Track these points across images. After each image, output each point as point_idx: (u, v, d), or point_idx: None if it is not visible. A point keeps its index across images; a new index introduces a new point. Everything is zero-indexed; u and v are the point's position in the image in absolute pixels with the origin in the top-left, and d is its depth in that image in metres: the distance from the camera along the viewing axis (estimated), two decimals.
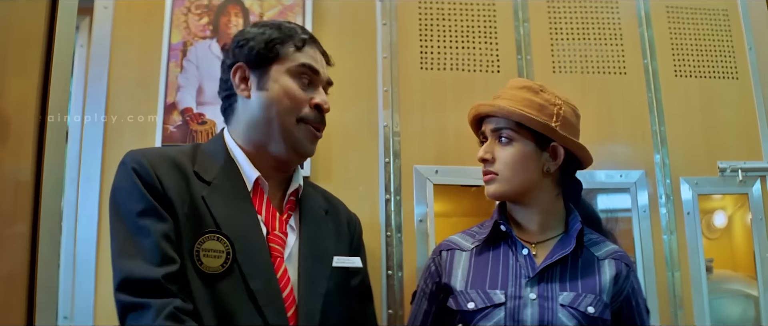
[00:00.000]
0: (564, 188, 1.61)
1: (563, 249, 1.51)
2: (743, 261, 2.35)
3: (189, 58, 1.99)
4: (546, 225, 1.58)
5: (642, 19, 2.25)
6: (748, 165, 2.14)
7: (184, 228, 1.27)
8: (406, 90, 2.07)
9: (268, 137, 1.42)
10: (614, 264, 1.53)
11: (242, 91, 1.44)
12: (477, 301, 1.48)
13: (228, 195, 1.35)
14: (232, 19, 2.02)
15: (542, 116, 1.52)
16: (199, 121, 1.95)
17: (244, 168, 1.41)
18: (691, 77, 2.23)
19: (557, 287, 1.47)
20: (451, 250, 1.61)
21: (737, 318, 2.19)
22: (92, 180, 1.89)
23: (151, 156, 1.33)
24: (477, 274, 1.53)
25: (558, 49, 2.19)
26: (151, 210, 1.25)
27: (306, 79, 1.45)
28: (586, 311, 1.43)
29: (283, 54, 1.44)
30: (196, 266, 1.26)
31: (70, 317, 1.82)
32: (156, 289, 1.19)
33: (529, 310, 1.44)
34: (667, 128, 2.16)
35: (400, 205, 1.97)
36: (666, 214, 2.09)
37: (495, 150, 1.56)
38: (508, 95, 1.58)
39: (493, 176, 1.55)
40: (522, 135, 1.53)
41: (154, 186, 1.28)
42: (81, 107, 1.94)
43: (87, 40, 2.00)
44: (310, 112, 1.44)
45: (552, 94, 1.57)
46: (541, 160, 1.55)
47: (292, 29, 1.48)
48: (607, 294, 1.48)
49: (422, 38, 2.12)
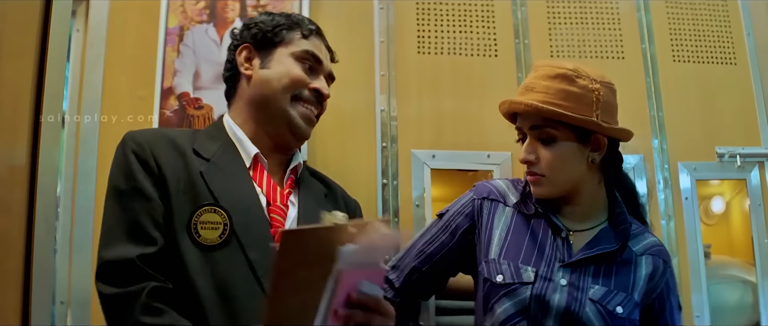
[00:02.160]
0: (606, 173, 1.53)
1: (606, 246, 1.45)
2: (741, 246, 2.35)
3: (186, 42, 1.99)
4: (588, 213, 1.51)
5: (640, 4, 2.24)
6: (746, 150, 2.14)
7: (180, 204, 1.30)
8: (403, 74, 2.06)
9: (266, 116, 1.45)
10: (651, 261, 1.48)
11: (246, 69, 1.49)
12: (506, 275, 1.42)
13: (226, 170, 1.37)
14: (229, 3, 2.02)
15: (581, 108, 1.43)
16: (195, 105, 1.94)
17: (244, 144, 1.44)
18: (689, 62, 2.23)
19: (590, 279, 1.42)
20: (496, 203, 1.55)
21: (735, 304, 2.19)
22: (89, 168, 1.89)
23: (148, 135, 1.38)
24: (513, 243, 1.48)
25: (556, 34, 2.18)
26: (138, 190, 1.28)
27: (308, 65, 1.50)
28: (614, 310, 1.38)
29: (288, 39, 1.50)
30: (194, 239, 1.28)
31: (66, 302, 1.82)
32: (130, 271, 1.21)
33: (557, 296, 1.39)
34: (665, 113, 2.16)
35: (397, 190, 1.97)
36: (664, 200, 2.08)
37: (538, 150, 1.46)
38: (541, 88, 1.46)
39: (540, 178, 1.47)
40: (563, 132, 1.44)
41: (148, 163, 1.31)
42: (77, 93, 1.94)
43: (84, 24, 1.99)
44: (309, 94, 1.48)
45: (587, 78, 1.46)
46: (585, 154, 1.47)
47: (301, 19, 1.54)
48: (640, 292, 1.44)
49: (419, 22, 2.11)
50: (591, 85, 1.45)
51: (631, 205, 1.58)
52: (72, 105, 1.93)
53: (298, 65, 1.48)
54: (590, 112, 1.43)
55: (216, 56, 1.97)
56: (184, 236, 1.28)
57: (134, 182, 1.29)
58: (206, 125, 1.90)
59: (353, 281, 1.08)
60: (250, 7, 2.01)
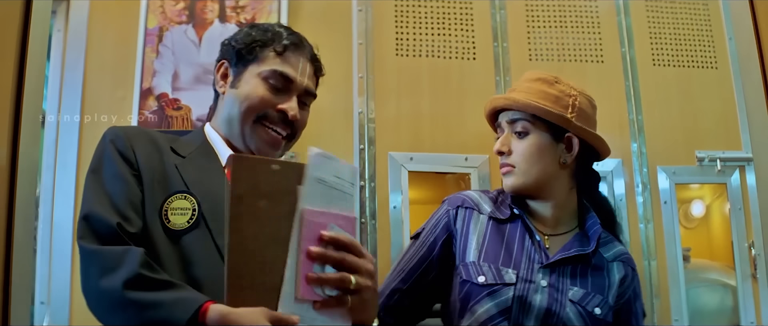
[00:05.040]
0: (579, 181, 1.59)
1: (582, 248, 1.49)
2: (721, 250, 2.35)
3: (165, 43, 1.99)
4: (559, 219, 1.56)
5: (620, 8, 2.24)
6: (726, 154, 2.14)
7: (153, 193, 1.30)
8: (381, 76, 2.07)
9: (233, 135, 1.44)
10: (622, 267, 1.53)
11: (220, 87, 1.47)
12: (488, 276, 1.45)
13: (200, 166, 1.37)
14: (208, 4, 2.02)
15: (557, 107, 1.51)
16: (174, 106, 1.95)
17: (219, 148, 1.43)
18: (669, 66, 2.23)
19: (568, 281, 1.46)
20: (470, 210, 1.57)
21: (715, 308, 2.19)
22: (68, 165, 1.90)
23: (129, 129, 1.38)
24: (491, 248, 1.51)
25: (535, 37, 2.18)
26: (119, 175, 1.29)
27: (277, 85, 1.43)
28: (593, 311, 1.43)
29: (261, 57, 1.45)
30: (164, 225, 1.27)
31: (46, 302, 1.83)
32: (112, 234, 1.21)
33: (538, 296, 1.43)
34: (644, 117, 2.16)
35: (374, 192, 1.97)
36: (643, 203, 2.09)
37: (511, 142, 1.55)
38: (522, 88, 1.57)
39: (511, 169, 1.54)
40: (537, 127, 1.53)
41: (126, 155, 1.31)
42: (58, 93, 1.95)
43: (64, 24, 2.00)
44: (274, 114, 1.43)
45: (567, 85, 1.56)
46: (557, 152, 1.53)
47: (278, 34, 1.48)
48: (613, 296, 1.49)
49: (398, 25, 2.12)
50: (570, 91, 1.55)
51: (605, 221, 1.61)
52: (52, 104, 1.95)
53: (264, 85, 1.42)
54: (565, 111, 1.51)
55: (195, 57, 1.97)
56: (155, 223, 1.27)
57: (114, 168, 1.30)
58: (185, 125, 1.91)
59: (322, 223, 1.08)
60: (228, 8, 2.01)
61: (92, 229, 1.24)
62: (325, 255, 1.09)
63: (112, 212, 1.24)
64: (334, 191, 1.10)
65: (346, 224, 1.13)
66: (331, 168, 1.10)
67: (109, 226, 1.22)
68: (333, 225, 1.10)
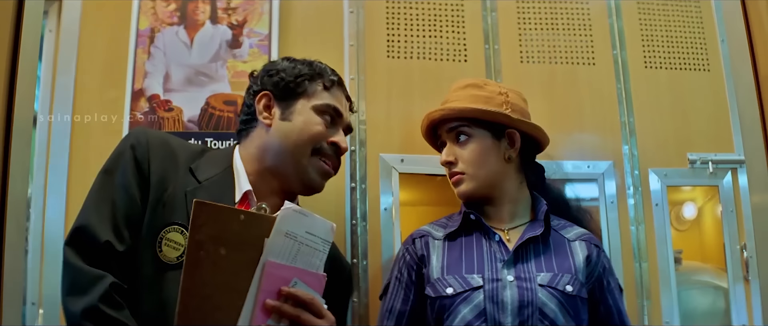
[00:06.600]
0: (527, 174, 1.65)
1: (533, 231, 1.54)
2: (713, 253, 2.35)
3: (156, 44, 1.99)
4: (514, 213, 1.62)
5: (612, 10, 2.24)
6: (718, 157, 2.14)
7: (154, 215, 1.30)
8: (372, 78, 2.06)
9: (281, 165, 1.44)
10: (586, 246, 1.58)
11: (265, 118, 1.48)
12: (455, 286, 1.49)
13: (212, 197, 1.36)
14: (200, 6, 2.02)
15: (492, 106, 1.57)
16: (166, 107, 1.95)
17: (240, 179, 1.43)
18: (661, 68, 2.22)
19: (534, 268, 1.50)
20: (424, 237, 1.63)
21: (706, 310, 2.19)
22: (60, 166, 1.90)
23: (154, 138, 1.39)
24: (452, 261, 1.55)
25: (526, 39, 2.18)
26: (124, 186, 1.30)
27: (328, 118, 1.48)
28: (564, 290, 1.47)
29: (310, 90, 1.48)
30: (155, 253, 1.28)
31: (37, 303, 1.83)
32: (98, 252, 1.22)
33: (508, 292, 1.46)
34: (636, 119, 2.15)
35: (365, 194, 1.97)
36: (634, 205, 2.08)
37: (456, 151, 1.61)
38: (454, 97, 1.64)
39: (461, 176, 1.59)
40: (477, 130, 1.59)
41: (142, 166, 1.32)
42: (49, 93, 1.95)
43: (56, 24, 2.00)
44: (328, 147, 1.47)
45: (495, 85, 1.64)
46: (501, 149, 1.60)
47: (324, 69, 1.53)
48: (582, 274, 1.52)
49: (389, 26, 2.11)
50: (499, 89, 1.63)
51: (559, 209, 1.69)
52: (44, 105, 1.94)
53: (319, 118, 1.46)
54: (500, 109, 1.59)
55: (186, 58, 1.97)
56: (148, 247, 1.29)
57: (125, 178, 1.31)
58: (176, 127, 1.91)
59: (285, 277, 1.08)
60: (220, 10, 2.01)
61: (81, 241, 1.25)
62: (281, 309, 1.09)
63: (106, 227, 1.25)
64: (303, 247, 1.11)
65: (312, 281, 1.13)
66: (304, 224, 1.10)
67: (97, 243, 1.23)
68: (297, 281, 1.10)
